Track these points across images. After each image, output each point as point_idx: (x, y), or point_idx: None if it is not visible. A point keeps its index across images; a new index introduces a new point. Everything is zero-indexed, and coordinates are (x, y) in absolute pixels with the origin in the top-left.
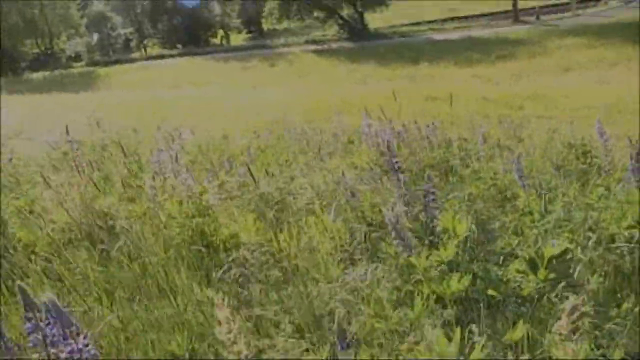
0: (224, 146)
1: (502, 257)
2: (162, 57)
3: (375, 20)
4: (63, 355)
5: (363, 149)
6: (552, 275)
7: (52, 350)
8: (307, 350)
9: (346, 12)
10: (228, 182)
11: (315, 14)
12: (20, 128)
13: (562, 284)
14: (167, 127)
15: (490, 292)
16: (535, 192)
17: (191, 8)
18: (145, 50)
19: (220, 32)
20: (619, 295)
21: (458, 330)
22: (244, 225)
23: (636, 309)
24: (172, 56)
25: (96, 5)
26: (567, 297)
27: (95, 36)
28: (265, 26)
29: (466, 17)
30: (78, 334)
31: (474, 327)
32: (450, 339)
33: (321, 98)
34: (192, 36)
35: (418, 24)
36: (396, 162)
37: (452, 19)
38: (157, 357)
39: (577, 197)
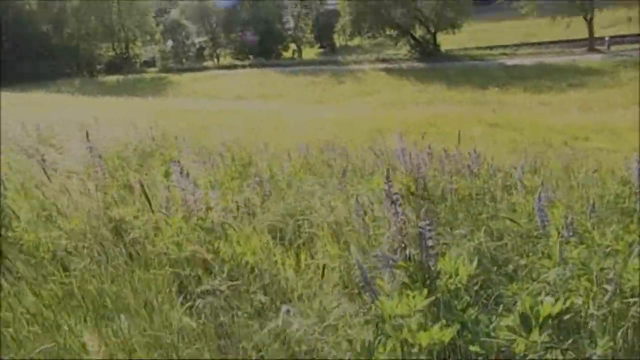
0: (262, 161)
1: (502, 307)
2: (233, 67)
3: (447, 41)
4: None
5: (397, 174)
6: (547, 337)
7: None
8: None
9: (419, 32)
10: (251, 199)
11: (388, 32)
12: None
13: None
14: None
15: (472, 348)
16: (565, 232)
17: (265, 20)
18: (218, 59)
19: (293, 46)
20: None
21: None
22: (250, 246)
23: None
24: (243, 67)
25: (172, 13)
26: None
27: (170, 43)
28: (337, 42)
29: (540, 43)
30: None
31: None
32: None
33: (384, 117)
34: (265, 48)
35: (491, 47)
36: (393, 192)
37: (526, 44)
38: None
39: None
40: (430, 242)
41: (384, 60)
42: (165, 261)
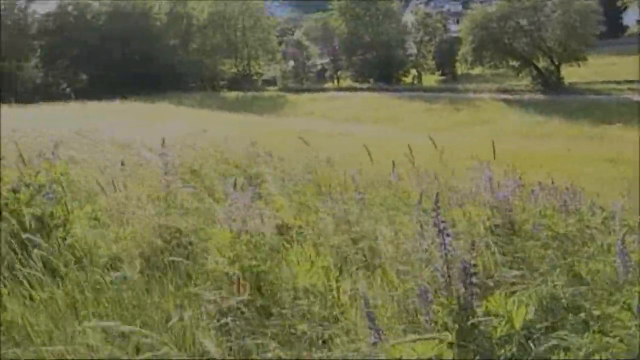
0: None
1: None
2: (352, 89)
3: (572, 74)
4: None
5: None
6: None
7: None
8: None
9: (542, 63)
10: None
11: (510, 62)
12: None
13: None
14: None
15: None
16: None
17: (387, 45)
18: (338, 81)
19: (413, 72)
20: None
21: None
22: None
23: None
24: (362, 90)
25: (295, 34)
26: None
27: (291, 63)
28: (458, 70)
29: None
30: None
31: None
32: None
33: (496, 148)
34: (385, 72)
35: (617, 82)
36: (441, 221)
37: None
38: None
39: None
40: (474, 279)
41: (504, 91)
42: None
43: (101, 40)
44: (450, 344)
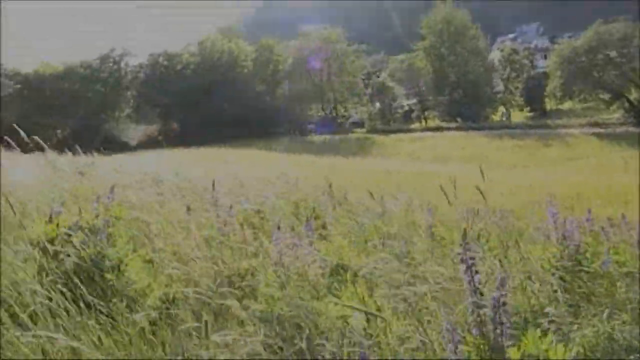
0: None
1: None
2: (439, 129)
3: None
4: None
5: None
6: None
7: None
8: None
9: (634, 95)
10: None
11: (600, 95)
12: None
13: None
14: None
15: None
16: None
17: (474, 83)
18: (426, 121)
19: (501, 109)
20: None
21: None
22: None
23: None
24: (449, 129)
25: (381, 76)
26: None
27: (377, 105)
28: (548, 105)
29: None
30: None
31: None
32: None
33: (584, 184)
34: (472, 111)
35: None
36: (470, 257)
37: None
38: None
39: None
40: (504, 318)
41: (595, 125)
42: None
43: (190, 90)
44: None
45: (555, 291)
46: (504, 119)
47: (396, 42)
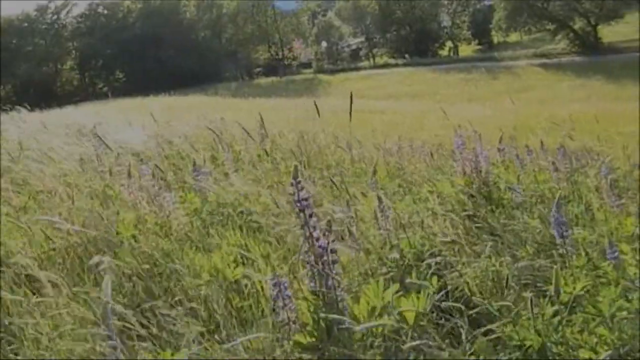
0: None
1: None
2: (388, 66)
3: (610, 34)
4: None
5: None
6: None
7: None
8: None
9: (578, 25)
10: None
11: (545, 26)
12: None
13: None
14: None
15: None
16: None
17: (421, 19)
18: (374, 59)
19: (449, 44)
20: None
21: None
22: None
23: None
24: (397, 66)
25: (328, 15)
26: None
27: (324, 44)
28: (495, 39)
29: None
30: None
31: None
32: None
33: (531, 115)
34: (420, 47)
35: None
36: (303, 198)
37: None
38: None
39: None
40: (334, 269)
41: (541, 56)
42: None
43: (134, 38)
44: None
45: (455, 228)
46: (451, 54)
47: None
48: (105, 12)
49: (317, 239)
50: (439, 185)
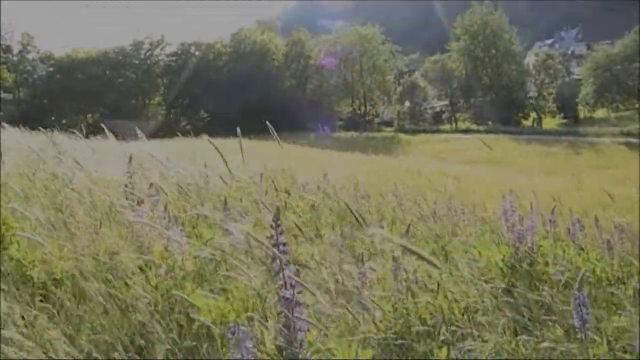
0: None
1: None
2: (469, 131)
3: None
4: None
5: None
6: None
7: None
8: None
9: None
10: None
11: (635, 104)
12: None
13: None
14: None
15: None
16: None
17: (507, 87)
18: (456, 123)
19: (533, 114)
20: None
21: None
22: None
23: None
24: (478, 132)
25: (414, 75)
26: None
27: (407, 104)
28: (581, 113)
29: None
30: None
31: None
32: None
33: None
34: (504, 115)
35: None
36: (281, 243)
37: None
38: None
39: None
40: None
41: (627, 134)
42: None
43: (221, 80)
44: None
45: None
46: (535, 125)
47: (433, 42)
48: (197, 52)
49: (284, 288)
50: (475, 249)
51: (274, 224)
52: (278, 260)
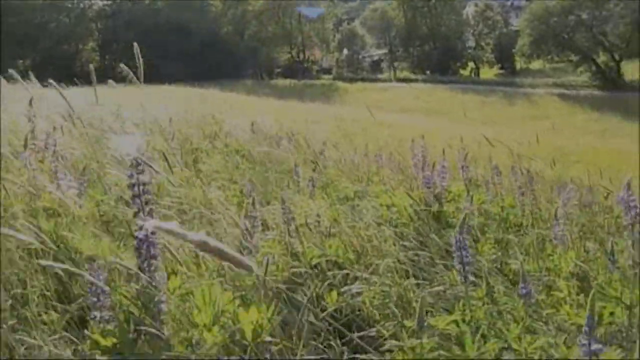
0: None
1: None
2: (407, 80)
3: (633, 71)
4: None
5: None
6: None
7: None
8: None
9: (602, 59)
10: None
11: (568, 56)
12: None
13: None
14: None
15: None
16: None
17: (445, 37)
18: (395, 72)
19: (471, 64)
20: None
21: None
22: None
23: None
24: (416, 81)
25: (351, 24)
26: None
27: (346, 52)
28: (518, 64)
29: None
30: None
31: None
32: None
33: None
34: (442, 65)
35: None
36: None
37: None
38: None
39: None
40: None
41: (561, 86)
42: None
43: (157, 26)
44: None
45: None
46: (472, 75)
47: None
48: None
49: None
50: (386, 195)
51: (134, 163)
52: (138, 199)
